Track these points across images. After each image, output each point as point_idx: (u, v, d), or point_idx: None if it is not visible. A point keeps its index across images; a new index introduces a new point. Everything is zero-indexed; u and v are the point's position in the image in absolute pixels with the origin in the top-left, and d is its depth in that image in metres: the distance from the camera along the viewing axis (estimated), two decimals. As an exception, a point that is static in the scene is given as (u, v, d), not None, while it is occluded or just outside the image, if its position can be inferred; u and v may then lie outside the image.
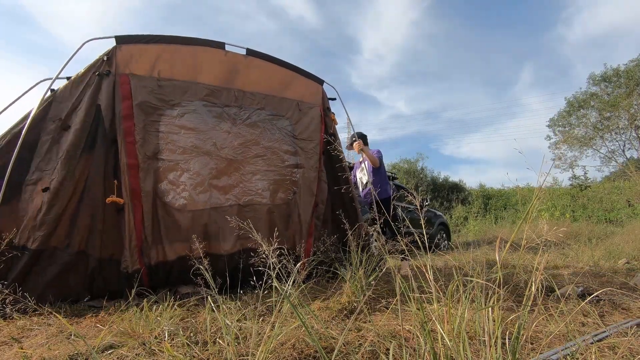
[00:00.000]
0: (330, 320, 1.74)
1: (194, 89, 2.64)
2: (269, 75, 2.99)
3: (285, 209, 2.92)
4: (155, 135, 2.47)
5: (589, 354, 1.19)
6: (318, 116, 3.16)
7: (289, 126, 3.02)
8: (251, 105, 2.87)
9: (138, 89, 2.42)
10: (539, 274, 1.06)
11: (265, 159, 2.88)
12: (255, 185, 2.82)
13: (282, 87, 3.05)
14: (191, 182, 2.55)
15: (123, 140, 2.35)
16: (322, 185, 3.12)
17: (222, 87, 2.76)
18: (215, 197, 2.64)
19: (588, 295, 2.09)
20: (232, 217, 2.17)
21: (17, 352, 1.38)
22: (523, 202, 10.27)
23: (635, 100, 16.50)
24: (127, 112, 2.37)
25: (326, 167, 3.20)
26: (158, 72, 2.52)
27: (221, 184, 2.68)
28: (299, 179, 3.00)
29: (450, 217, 13.46)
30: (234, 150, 2.75)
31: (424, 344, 1.03)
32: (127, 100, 2.38)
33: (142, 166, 2.39)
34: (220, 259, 2.53)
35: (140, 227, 2.36)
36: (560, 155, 18.71)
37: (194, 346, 1.34)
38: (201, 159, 2.61)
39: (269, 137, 2.91)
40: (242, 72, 2.86)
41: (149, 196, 2.39)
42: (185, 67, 2.63)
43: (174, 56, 2.60)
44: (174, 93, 2.56)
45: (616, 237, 6.38)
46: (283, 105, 3.02)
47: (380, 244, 1.96)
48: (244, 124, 2.81)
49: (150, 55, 2.52)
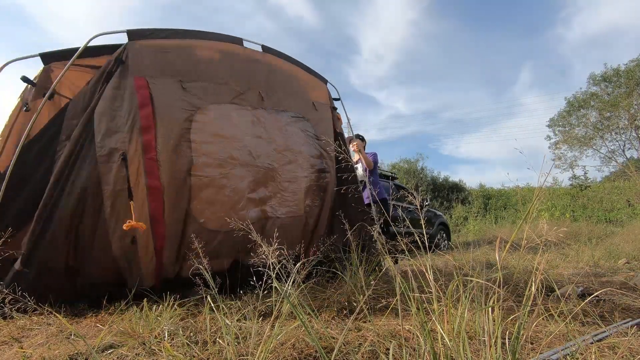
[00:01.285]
0: (330, 320, 1.74)
1: (221, 90, 2.29)
2: (286, 73, 2.74)
3: (309, 216, 2.68)
4: (188, 147, 2.07)
5: (589, 354, 1.19)
6: (330, 116, 2.99)
7: (311, 128, 2.78)
8: (275, 106, 2.58)
9: (160, 92, 2.00)
10: (539, 274, 1.06)
11: (297, 165, 2.61)
12: (292, 196, 2.55)
13: (299, 86, 2.81)
14: (229, 200, 2.21)
15: (142, 157, 1.95)
16: (331, 192, 2.93)
17: (247, 86, 2.45)
18: (252, 212, 2.31)
19: (588, 295, 2.09)
20: (272, 230, 1.86)
21: (17, 352, 1.38)
22: (523, 202, 10.28)
23: (635, 100, 16.49)
24: (147, 122, 1.95)
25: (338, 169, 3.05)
26: (178, 71, 2.13)
27: (258, 197, 2.36)
28: (327, 185, 2.76)
29: (450, 217, 13.46)
30: (270, 157, 2.44)
31: (424, 344, 1.03)
32: (147, 108, 1.94)
33: (169, 189, 1.98)
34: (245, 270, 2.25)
35: (160, 256, 2.01)
36: (560, 155, 18.71)
37: (193, 346, 1.34)
38: (239, 171, 2.28)
39: (297, 141, 2.65)
40: (263, 70, 2.58)
41: (179, 222, 2.04)
42: (207, 65, 2.28)
43: (193, 53, 2.23)
44: (200, 96, 2.17)
45: (616, 237, 6.38)
46: (303, 106, 2.77)
47: (380, 243, 1.96)
48: (274, 127, 2.51)
49: (169, 52, 2.13)
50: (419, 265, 1.30)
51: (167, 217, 2.02)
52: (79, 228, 1.91)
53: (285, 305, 1.44)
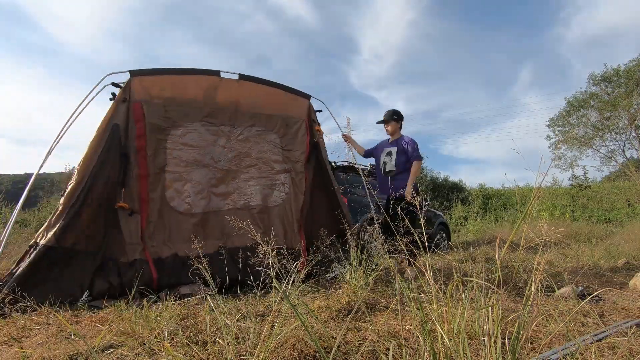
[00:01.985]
0: (330, 320, 1.74)
1: (194, 112, 3.05)
2: (258, 95, 3.41)
3: (278, 210, 3.31)
4: (163, 152, 2.88)
5: (589, 354, 1.20)
6: (304, 128, 3.58)
7: (277, 139, 3.46)
8: (243, 123, 3.30)
9: (149, 113, 2.82)
10: (539, 273, 1.06)
11: (256, 168, 3.32)
12: (249, 190, 3.25)
13: (270, 105, 3.46)
14: (193, 190, 2.97)
15: (136, 155, 2.73)
16: (307, 188, 3.45)
17: (218, 108, 3.17)
18: (215, 202, 3.06)
19: (588, 295, 2.10)
20: (230, 218, 2.33)
21: (17, 352, 1.38)
22: (523, 202, 10.28)
23: (635, 100, 16.50)
24: (140, 132, 2.77)
25: (315, 172, 3.56)
26: (164, 98, 2.94)
27: (219, 191, 3.11)
28: (289, 182, 3.42)
29: (450, 217, 13.47)
30: (229, 162, 3.20)
31: (424, 344, 1.03)
32: (140, 122, 2.78)
33: (152, 177, 2.79)
34: (216, 257, 2.76)
35: (144, 227, 2.69)
36: (560, 155, 18.70)
37: (193, 346, 1.34)
38: (201, 171, 3.04)
39: (259, 149, 3.35)
40: (234, 95, 3.27)
41: (156, 202, 2.79)
42: (186, 93, 3.05)
43: (177, 84, 3.01)
44: (177, 116, 2.97)
45: (616, 237, 6.38)
46: (271, 121, 3.45)
47: (380, 243, 1.96)
48: (237, 139, 3.26)
49: (158, 85, 2.92)
50: (419, 265, 1.30)
51: (150, 199, 2.77)
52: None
53: (285, 305, 1.44)
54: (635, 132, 17.23)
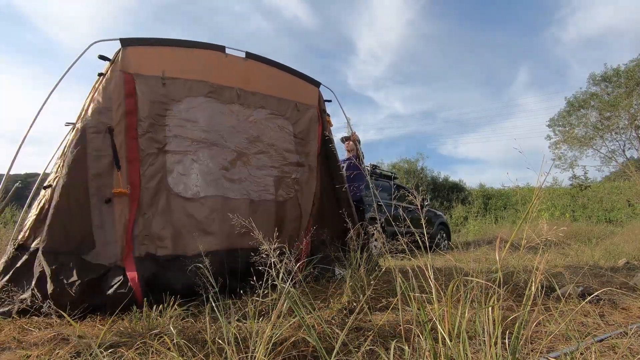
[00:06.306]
0: (330, 320, 1.74)
1: (197, 87, 2.70)
2: (267, 76, 3.08)
3: (285, 206, 2.99)
4: (162, 129, 2.52)
5: (589, 354, 1.19)
6: (315, 117, 3.27)
7: (289, 126, 3.12)
8: (252, 104, 2.95)
9: (143, 87, 2.48)
10: (539, 273, 1.06)
11: (268, 155, 2.96)
12: (263, 180, 2.90)
13: (280, 88, 3.14)
14: (202, 171, 2.61)
15: (125, 135, 2.39)
16: (317, 184, 3.22)
17: (223, 85, 2.81)
18: (227, 187, 2.70)
19: (588, 295, 2.09)
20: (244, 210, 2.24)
21: (18, 352, 1.38)
22: (523, 202, 10.27)
23: (635, 100, 16.47)
24: (131, 107, 2.43)
25: (323, 166, 3.29)
26: (162, 71, 2.58)
27: (231, 177, 2.74)
28: (300, 177, 3.11)
29: (450, 217, 13.46)
30: (241, 144, 2.82)
31: (424, 344, 1.03)
32: (131, 97, 2.44)
33: (145, 160, 2.43)
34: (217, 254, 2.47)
35: (132, 220, 2.32)
36: (561, 155, 18.68)
37: (193, 346, 1.33)
38: (210, 150, 2.67)
39: (270, 135, 2.99)
40: (242, 73, 2.94)
41: (150, 190, 2.42)
42: (187, 67, 2.70)
43: (176, 57, 2.67)
44: (177, 90, 2.63)
45: (616, 237, 6.38)
46: (282, 105, 3.11)
47: (381, 242, 1.96)
48: (247, 120, 2.89)
49: (153, 57, 2.60)
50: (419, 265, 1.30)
51: (143, 186, 2.41)
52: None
53: (285, 305, 1.44)
54: (635, 132, 17.21)
